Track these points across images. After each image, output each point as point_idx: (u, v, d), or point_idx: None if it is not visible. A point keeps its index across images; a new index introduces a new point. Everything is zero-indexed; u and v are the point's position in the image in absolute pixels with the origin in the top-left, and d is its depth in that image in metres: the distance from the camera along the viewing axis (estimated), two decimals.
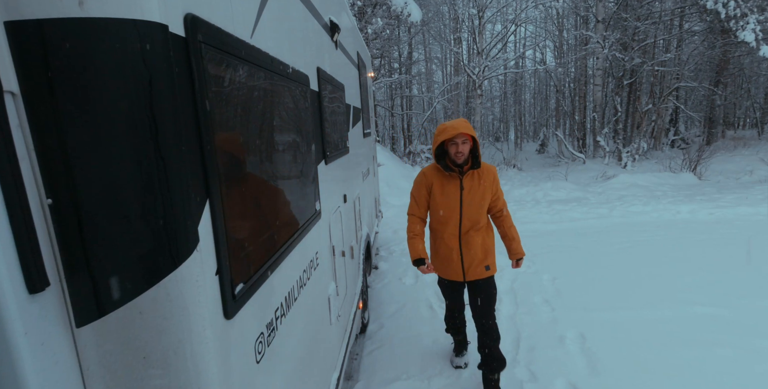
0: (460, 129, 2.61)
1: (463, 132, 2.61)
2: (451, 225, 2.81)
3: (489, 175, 2.81)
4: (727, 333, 3.49)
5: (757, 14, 13.08)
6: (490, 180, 2.81)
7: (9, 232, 0.71)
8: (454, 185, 2.76)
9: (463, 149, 2.65)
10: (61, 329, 0.79)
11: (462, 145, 2.64)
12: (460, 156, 2.66)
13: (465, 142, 2.65)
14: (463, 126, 2.64)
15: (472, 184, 2.77)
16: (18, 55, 0.72)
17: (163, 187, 0.84)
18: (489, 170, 2.83)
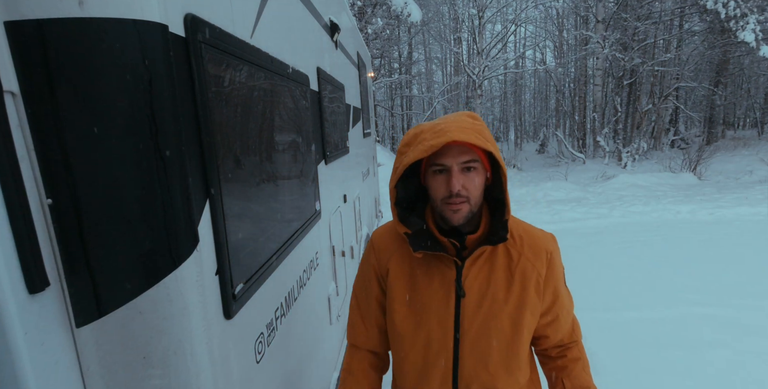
0: (456, 133, 1.04)
1: (463, 140, 1.03)
2: (431, 383, 1.20)
3: (534, 260, 1.18)
4: (727, 333, 3.49)
5: (757, 14, 13.08)
6: (534, 275, 1.18)
7: (9, 232, 0.71)
8: (440, 281, 1.17)
9: (466, 183, 1.08)
10: (61, 329, 0.79)
11: (462, 174, 1.08)
12: (456, 208, 1.09)
13: (470, 166, 1.09)
14: (464, 126, 1.07)
15: (489, 283, 1.17)
16: (18, 55, 0.72)
17: (163, 187, 0.84)
18: (535, 248, 1.19)
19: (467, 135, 1.04)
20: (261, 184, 1.39)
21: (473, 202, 1.10)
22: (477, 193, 1.10)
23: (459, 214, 1.08)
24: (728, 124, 24.49)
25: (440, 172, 1.09)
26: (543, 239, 1.22)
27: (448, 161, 1.07)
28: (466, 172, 1.08)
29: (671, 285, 4.51)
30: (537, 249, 1.19)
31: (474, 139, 1.03)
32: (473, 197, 1.09)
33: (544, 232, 1.25)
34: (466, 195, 1.08)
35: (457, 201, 1.07)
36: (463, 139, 1.02)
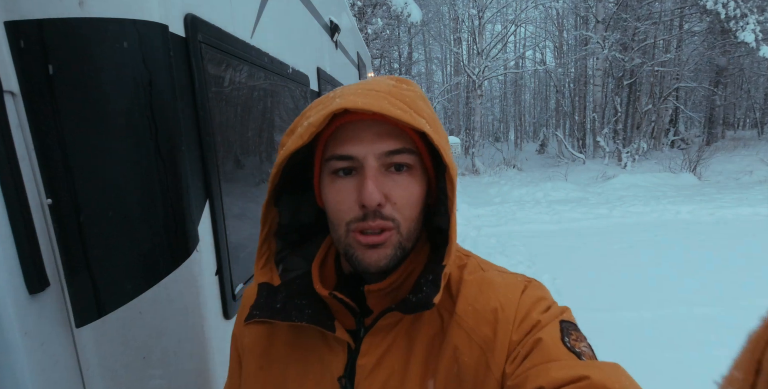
0: (355, 98, 0.56)
1: (370, 108, 0.54)
2: None
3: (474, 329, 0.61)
4: (727, 333, 3.49)
5: (757, 15, 13.08)
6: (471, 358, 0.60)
7: (9, 232, 0.71)
8: (317, 376, 0.65)
9: (391, 191, 0.59)
10: (61, 329, 0.79)
11: (384, 176, 0.59)
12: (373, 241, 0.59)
13: (401, 162, 0.59)
14: (377, 89, 0.58)
15: (403, 376, 0.61)
16: (18, 55, 0.72)
17: (162, 187, 0.84)
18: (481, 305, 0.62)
19: (375, 101, 0.55)
20: (261, 183, 1.39)
21: (404, 230, 0.59)
22: (411, 211, 0.59)
23: (379, 253, 0.58)
24: (728, 124, 24.50)
25: (343, 172, 0.59)
26: (503, 288, 0.63)
27: (358, 149, 0.57)
28: (391, 171, 0.59)
29: (671, 285, 4.51)
30: (485, 305, 0.61)
31: (389, 108, 0.54)
32: (405, 219, 0.59)
33: (513, 278, 0.66)
34: (390, 214, 0.58)
35: (375, 226, 0.57)
36: (364, 107, 0.54)
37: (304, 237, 0.73)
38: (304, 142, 0.57)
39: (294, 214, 0.72)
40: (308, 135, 0.57)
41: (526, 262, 5.30)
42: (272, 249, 0.69)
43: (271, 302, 0.65)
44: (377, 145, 0.58)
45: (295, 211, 0.72)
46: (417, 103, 0.60)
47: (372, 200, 0.56)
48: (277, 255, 0.70)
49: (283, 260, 0.71)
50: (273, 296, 0.66)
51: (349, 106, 0.55)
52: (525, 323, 0.59)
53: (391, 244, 0.60)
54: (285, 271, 0.70)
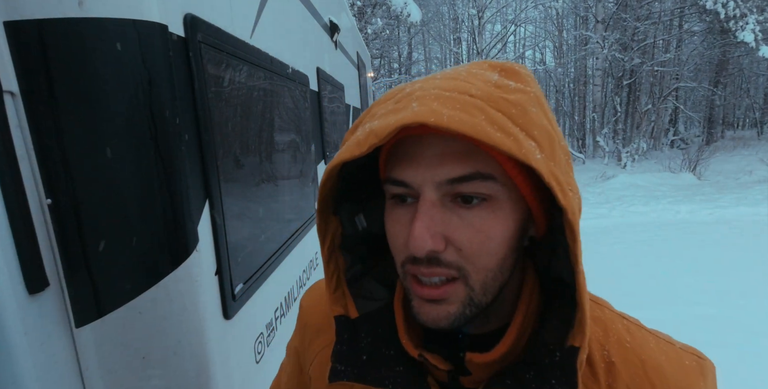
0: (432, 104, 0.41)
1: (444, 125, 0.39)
2: None
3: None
4: (727, 333, 3.50)
5: (757, 14, 13.09)
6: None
7: (9, 232, 0.71)
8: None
9: (452, 232, 0.44)
10: (61, 329, 0.79)
11: (443, 210, 0.45)
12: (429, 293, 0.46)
13: (470, 193, 0.44)
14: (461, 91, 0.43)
15: None
16: (18, 55, 0.72)
17: (162, 187, 0.84)
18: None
19: (465, 115, 0.41)
20: (260, 183, 1.39)
21: (477, 282, 0.46)
22: (487, 259, 0.46)
23: (439, 310, 0.47)
24: (728, 124, 24.51)
25: (399, 199, 0.48)
26: (667, 367, 0.51)
27: (414, 175, 0.46)
28: (460, 204, 0.45)
29: (671, 285, 4.51)
30: None
31: (484, 130, 0.40)
32: (476, 269, 0.46)
33: (674, 362, 0.52)
34: (454, 262, 0.45)
35: (429, 273, 0.46)
36: (449, 126, 0.40)
37: (373, 250, 0.59)
38: (362, 152, 0.43)
39: (357, 223, 0.59)
40: (367, 146, 0.43)
41: None
42: (341, 267, 0.56)
43: (354, 351, 0.53)
44: (439, 170, 0.44)
45: (359, 219, 0.59)
46: (528, 113, 0.43)
47: (417, 247, 0.43)
48: (347, 273, 0.57)
49: (355, 280, 0.58)
50: (354, 341, 0.54)
51: (428, 120, 0.39)
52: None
53: (457, 300, 0.46)
54: (361, 297, 0.57)
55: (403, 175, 0.46)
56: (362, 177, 0.56)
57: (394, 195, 0.48)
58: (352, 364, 0.52)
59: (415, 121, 0.40)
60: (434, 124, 0.39)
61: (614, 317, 0.56)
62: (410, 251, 0.44)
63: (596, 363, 0.50)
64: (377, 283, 0.59)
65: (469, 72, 0.47)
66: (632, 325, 0.56)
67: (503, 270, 0.47)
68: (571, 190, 0.44)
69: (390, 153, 0.48)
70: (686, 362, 0.52)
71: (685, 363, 0.51)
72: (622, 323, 0.55)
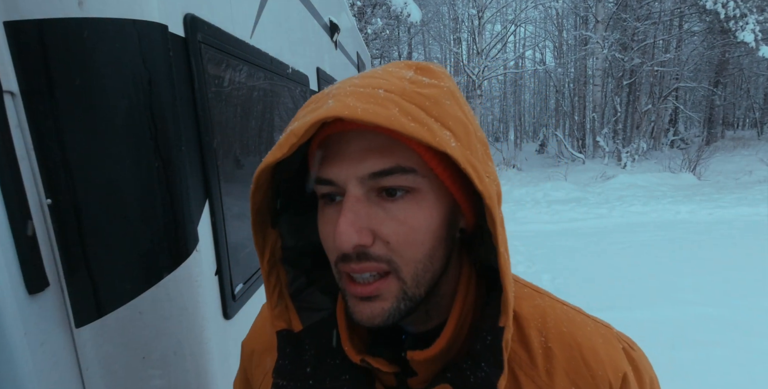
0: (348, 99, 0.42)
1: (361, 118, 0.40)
2: None
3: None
4: (727, 333, 3.50)
5: (757, 14, 13.09)
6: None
7: (9, 232, 0.71)
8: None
9: (377, 225, 0.45)
10: (61, 329, 0.79)
11: (368, 205, 0.46)
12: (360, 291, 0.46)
13: (393, 186, 0.45)
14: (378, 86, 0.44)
15: None
16: (18, 55, 0.72)
17: (162, 187, 0.84)
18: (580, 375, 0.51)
19: (380, 108, 0.42)
20: None
21: (408, 274, 0.47)
22: (415, 250, 0.46)
23: (373, 307, 0.47)
24: (728, 124, 24.50)
25: (328, 198, 0.49)
26: (602, 351, 0.53)
27: (338, 172, 0.46)
28: (385, 197, 0.46)
29: (671, 285, 4.51)
30: (587, 378, 0.51)
31: (398, 120, 0.41)
32: (405, 261, 0.46)
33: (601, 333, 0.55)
34: (383, 255, 0.46)
35: (359, 269, 0.46)
36: (364, 118, 0.41)
37: (317, 262, 0.58)
38: (283, 154, 0.44)
39: (299, 236, 0.57)
40: (288, 147, 0.44)
41: (526, 262, 5.30)
42: (283, 281, 0.55)
43: (298, 364, 0.52)
44: (361, 165, 0.44)
45: (300, 232, 0.57)
46: (442, 105, 0.45)
47: (342, 242, 0.43)
48: (290, 287, 0.56)
49: (299, 293, 0.57)
50: (298, 354, 0.53)
51: (343, 114, 0.40)
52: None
53: (390, 296, 0.46)
54: (305, 310, 0.56)
55: (328, 173, 0.46)
56: (300, 187, 0.55)
57: (323, 195, 0.48)
58: (294, 378, 0.51)
59: (330, 115, 0.41)
60: (349, 116, 0.40)
61: (554, 304, 0.57)
62: (338, 247, 0.44)
63: (534, 349, 0.52)
64: (321, 294, 0.58)
65: (385, 70, 0.48)
66: (571, 311, 0.57)
67: (433, 261, 0.48)
68: (488, 177, 0.46)
69: (316, 154, 0.48)
70: (619, 346, 0.55)
71: (618, 347, 0.54)
72: (561, 309, 0.56)
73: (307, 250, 0.58)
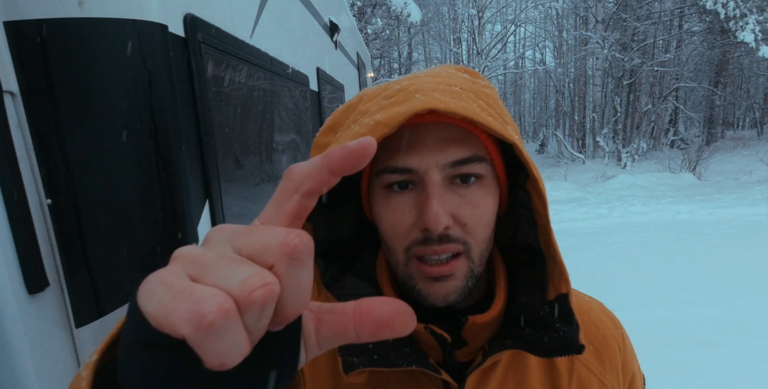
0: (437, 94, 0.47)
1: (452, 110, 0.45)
2: None
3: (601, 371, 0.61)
4: (727, 333, 3.50)
5: (757, 15, 13.09)
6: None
7: (8, 232, 0.71)
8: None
9: (460, 211, 0.50)
10: (61, 329, 0.79)
11: (450, 191, 0.50)
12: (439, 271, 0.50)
13: (470, 173, 0.50)
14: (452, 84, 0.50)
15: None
16: (18, 55, 0.72)
17: (162, 187, 0.84)
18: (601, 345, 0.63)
19: (465, 103, 0.46)
20: (261, 183, 1.39)
21: (476, 254, 0.51)
22: (484, 231, 0.51)
23: (448, 286, 0.50)
24: (728, 124, 24.50)
25: (400, 186, 0.50)
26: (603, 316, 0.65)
27: (418, 161, 0.48)
28: (457, 184, 0.50)
29: (671, 285, 4.51)
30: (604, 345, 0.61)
31: (480, 114, 0.46)
32: (476, 241, 0.50)
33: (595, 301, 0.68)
34: (460, 236, 0.49)
35: (441, 250, 0.49)
36: (457, 111, 0.45)
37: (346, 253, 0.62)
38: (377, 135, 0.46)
39: (330, 230, 0.60)
40: (377, 137, 0.44)
41: None
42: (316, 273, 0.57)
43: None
44: (442, 154, 0.48)
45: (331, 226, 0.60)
46: (499, 104, 0.52)
47: (438, 223, 0.46)
48: (324, 277, 0.58)
49: (334, 282, 0.59)
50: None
51: (439, 106, 0.44)
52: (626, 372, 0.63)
53: (461, 274, 0.50)
54: (345, 296, 0.57)
55: (407, 162, 0.49)
56: None
57: (390, 184, 0.50)
58: (361, 353, 0.52)
59: (426, 107, 0.45)
60: (444, 109, 0.45)
61: None
62: (427, 229, 0.48)
63: None
64: (358, 280, 0.60)
65: (446, 72, 0.53)
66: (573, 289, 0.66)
67: (490, 242, 0.54)
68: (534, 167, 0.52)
69: (382, 144, 0.49)
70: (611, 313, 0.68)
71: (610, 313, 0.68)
72: None
73: (337, 242, 0.61)
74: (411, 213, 0.49)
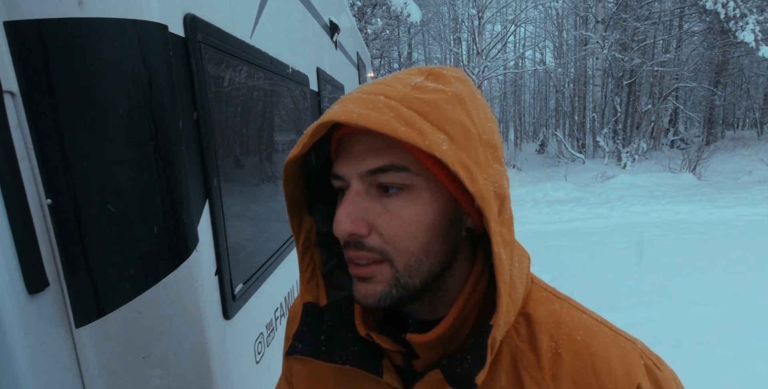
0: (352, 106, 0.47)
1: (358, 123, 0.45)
2: None
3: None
4: (727, 333, 3.49)
5: (757, 15, 13.09)
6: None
7: (8, 232, 0.71)
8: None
9: (373, 217, 0.50)
10: (61, 329, 0.79)
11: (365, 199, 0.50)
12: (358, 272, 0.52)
13: (388, 183, 0.49)
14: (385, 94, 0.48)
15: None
16: (18, 55, 0.72)
17: (162, 187, 0.84)
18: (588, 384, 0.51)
19: (375, 113, 0.46)
20: (261, 183, 1.39)
21: (401, 264, 0.50)
22: (408, 242, 0.50)
23: (368, 288, 0.51)
24: (728, 124, 24.49)
25: (341, 191, 0.53)
26: (617, 364, 0.53)
27: (345, 168, 0.51)
28: (380, 193, 0.50)
29: (671, 285, 4.51)
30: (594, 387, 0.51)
31: (390, 125, 0.45)
32: (399, 252, 0.50)
33: (619, 346, 0.55)
34: (377, 246, 0.50)
35: (355, 256, 0.51)
36: (358, 122, 0.45)
37: None
38: (299, 151, 0.52)
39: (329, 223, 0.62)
40: (301, 145, 0.51)
41: None
42: (317, 261, 0.62)
43: (315, 332, 0.59)
44: (361, 163, 0.49)
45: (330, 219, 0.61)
46: (442, 110, 0.47)
47: (339, 230, 0.49)
48: (324, 267, 0.63)
49: (330, 273, 0.63)
50: (317, 324, 0.59)
51: (340, 119, 0.46)
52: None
53: (383, 280, 0.50)
54: (333, 289, 0.62)
55: (339, 169, 0.52)
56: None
57: (338, 189, 0.53)
58: (309, 343, 0.57)
59: (328, 119, 0.47)
60: (345, 121, 0.46)
61: (571, 310, 0.57)
62: (335, 234, 0.50)
63: (543, 353, 0.53)
64: (347, 275, 0.64)
65: (395, 77, 0.53)
66: (590, 319, 0.57)
67: (429, 255, 0.51)
68: (486, 179, 0.48)
69: (335, 151, 0.55)
70: (641, 362, 0.54)
71: (639, 362, 0.54)
72: (579, 316, 0.56)
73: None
74: None
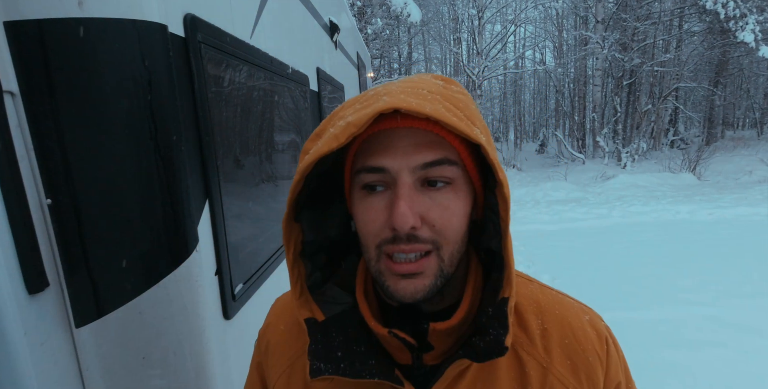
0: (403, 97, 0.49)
1: (418, 110, 0.47)
2: None
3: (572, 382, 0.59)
4: (727, 333, 3.50)
5: (757, 15, 13.09)
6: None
7: (8, 232, 0.71)
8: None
9: (428, 212, 0.51)
10: (61, 329, 0.79)
11: (419, 193, 0.52)
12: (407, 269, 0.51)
13: (439, 177, 0.52)
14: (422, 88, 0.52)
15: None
16: (18, 55, 0.72)
17: (162, 187, 0.84)
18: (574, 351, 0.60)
19: (429, 104, 0.48)
20: (260, 183, 1.39)
21: (446, 254, 0.52)
22: (454, 233, 0.52)
23: (416, 283, 0.52)
24: (728, 124, 24.49)
25: (371, 187, 0.53)
26: (588, 328, 0.61)
27: (391, 161, 0.51)
28: (428, 187, 0.52)
29: (671, 285, 4.51)
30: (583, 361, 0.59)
31: (445, 114, 0.48)
32: (447, 241, 0.52)
33: (584, 311, 0.64)
34: (429, 237, 0.51)
35: (409, 249, 0.50)
36: (418, 110, 0.47)
37: (331, 257, 0.64)
38: (340, 144, 0.49)
39: (318, 231, 0.62)
40: (345, 136, 0.48)
41: (526, 262, 5.30)
42: (302, 274, 0.60)
43: (328, 349, 0.56)
44: (414, 157, 0.51)
45: (318, 227, 0.62)
46: (470, 108, 0.54)
47: (404, 223, 0.49)
48: (308, 280, 0.60)
49: (317, 287, 0.61)
50: (327, 340, 0.57)
51: (401, 105, 0.47)
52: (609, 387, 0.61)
53: (431, 273, 0.52)
54: (326, 303, 0.61)
55: (381, 162, 0.51)
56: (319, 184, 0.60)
57: (365, 186, 0.53)
58: (329, 361, 0.55)
59: (390, 107, 0.47)
60: (406, 108, 0.47)
61: (543, 289, 0.66)
62: (395, 229, 0.50)
63: (533, 331, 0.60)
64: (340, 289, 0.63)
65: (420, 78, 0.56)
66: (559, 295, 0.66)
67: (462, 244, 0.55)
68: None
69: (360, 147, 0.54)
70: (602, 323, 0.64)
71: (601, 324, 0.64)
72: (550, 293, 0.65)
73: (324, 245, 0.63)
74: (382, 213, 0.52)
